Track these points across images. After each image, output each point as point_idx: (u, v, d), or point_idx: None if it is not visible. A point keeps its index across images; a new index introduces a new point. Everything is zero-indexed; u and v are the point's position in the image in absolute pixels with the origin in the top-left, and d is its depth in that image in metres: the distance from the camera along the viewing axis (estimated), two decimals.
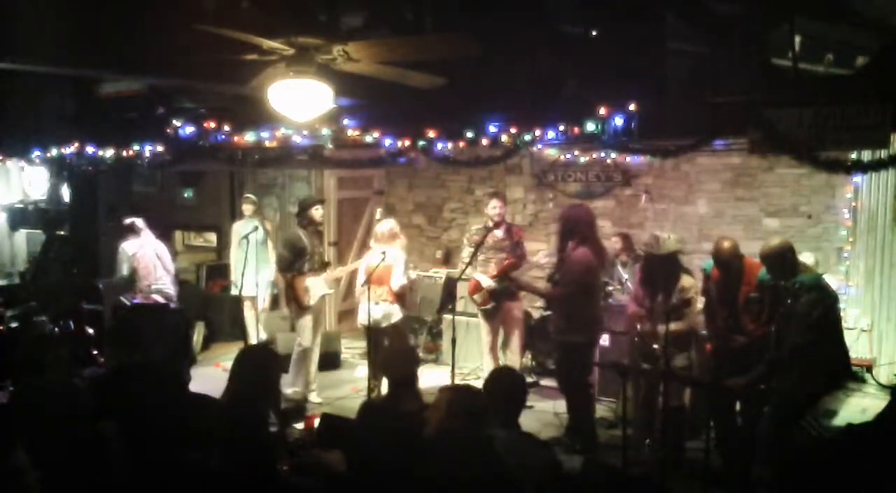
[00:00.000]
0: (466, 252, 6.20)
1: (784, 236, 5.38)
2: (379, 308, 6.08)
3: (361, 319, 6.18)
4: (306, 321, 6.32)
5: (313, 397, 6.42)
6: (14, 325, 6.76)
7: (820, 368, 4.29)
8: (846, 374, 4.76)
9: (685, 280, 4.98)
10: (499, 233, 6.16)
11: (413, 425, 3.10)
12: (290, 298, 6.40)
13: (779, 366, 4.37)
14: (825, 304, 4.27)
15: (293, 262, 6.23)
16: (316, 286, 6.30)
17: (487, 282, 6.13)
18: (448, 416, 2.83)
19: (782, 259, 4.38)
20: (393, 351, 4.14)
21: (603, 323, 5.63)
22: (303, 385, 6.41)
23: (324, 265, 6.43)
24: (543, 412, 6.13)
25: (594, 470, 3.51)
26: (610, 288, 6.71)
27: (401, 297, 6.31)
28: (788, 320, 4.31)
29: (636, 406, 5.15)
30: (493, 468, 2.75)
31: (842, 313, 6.53)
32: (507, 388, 3.25)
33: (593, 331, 5.37)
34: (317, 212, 6.37)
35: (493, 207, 6.15)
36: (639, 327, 5.09)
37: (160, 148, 7.01)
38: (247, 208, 7.92)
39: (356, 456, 3.05)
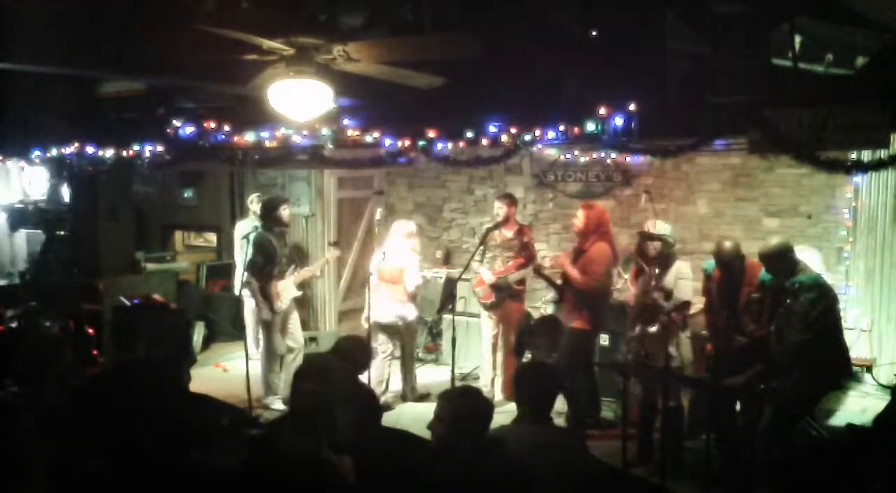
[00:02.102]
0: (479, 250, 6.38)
1: (784, 236, 5.40)
2: (393, 308, 6.22)
3: (376, 316, 6.21)
4: (275, 326, 6.29)
5: None
6: (14, 325, 6.76)
7: (820, 368, 4.29)
8: (846, 374, 4.75)
9: (680, 264, 5.10)
10: (508, 233, 6.23)
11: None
12: (260, 302, 6.26)
13: (777, 365, 4.37)
14: (824, 303, 4.26)
15: (264, 266, 6.16)
16: (286, 290, 6.30)
17: (489, 277, 6.19)
18: (453, 422, 2.81)
19: (781, 259, 4.38)
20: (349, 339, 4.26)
21: (606, 315, 5.77)
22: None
23: (291, 267, 6.40)
24: None
25: (594, 470, 3.50)
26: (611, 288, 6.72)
27: (414, 297, 6.42)
28: (787, 319, 4.31)
29: (638, 406, 5.16)
30: (506, 470, 2.74)
31: (841, 313, 6.55)
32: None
33: (598, 320, 5.61)
34: (284, 212, 6.32)
35: (499, 207, 6.25)
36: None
37: (160, 148, 7.00)
38: (255, 205, 7.89)
39: (366, 465, 3.05)
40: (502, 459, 2.76)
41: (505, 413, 3.28)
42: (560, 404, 5.78)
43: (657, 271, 5.09)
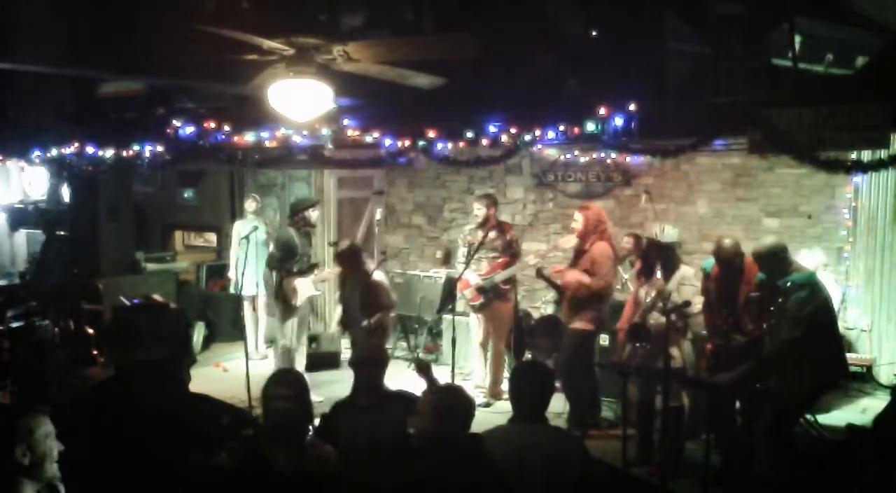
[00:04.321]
0: (461, 252, 6.44)
1: (779, 236, 5.43)
2: None
3: None
4: (292, 322, 6.34)
5: (313, 397, 6.42)
6: (14, 325, 6.75)
7: (814, 367, 4.29)
8: (843, 374, 4.74)
9: (684, 270, 5.08)
10: (491, 233, 6.23)
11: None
12: (278, 297, 6.37)
13: (767, 363, 4.38)
14: (816, 302, 4.26)
15: (283, 261, 6.22)
16: (304, 288, 6.34)
17: (475, 279, 6.21)
18: (434, 419, 2.82)
19: (775, 259, 4.38)
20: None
21: (607, 315, 5.76)
22: None
23: (311, 267, 6.44)
24: None
25: (594, 470, 3.50)
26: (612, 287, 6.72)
27: None
28: (779, 318, 4.32)
29: (636, 406, 5.16)
30: (485, 467, 2.74)
31: (841, 313, 6.55)
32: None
33: (599, 321, 5.64)
34: (313, 214, 6.45)
35: (478, 209, 6.29)
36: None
37: (160, 148, 7.00)
38: (249, 205, 7.94)
39: (346, 457, 3.07)
40: (480, 458, 2.76)
41: (497, 413, 3.28)
42: (560, 404, 5.81)
43: (656, 294, 5.09)
